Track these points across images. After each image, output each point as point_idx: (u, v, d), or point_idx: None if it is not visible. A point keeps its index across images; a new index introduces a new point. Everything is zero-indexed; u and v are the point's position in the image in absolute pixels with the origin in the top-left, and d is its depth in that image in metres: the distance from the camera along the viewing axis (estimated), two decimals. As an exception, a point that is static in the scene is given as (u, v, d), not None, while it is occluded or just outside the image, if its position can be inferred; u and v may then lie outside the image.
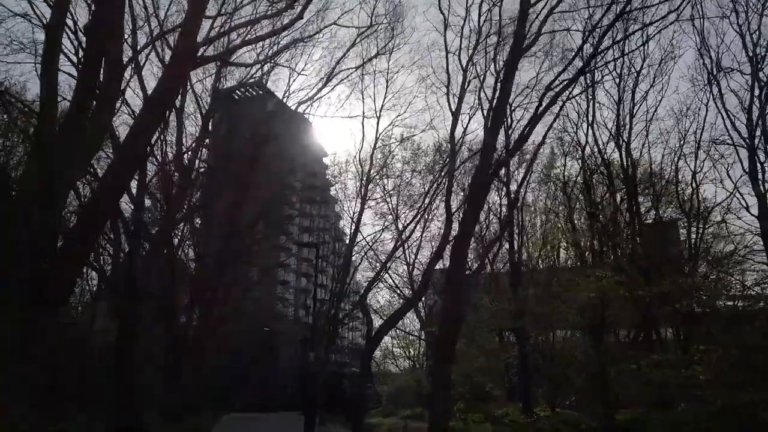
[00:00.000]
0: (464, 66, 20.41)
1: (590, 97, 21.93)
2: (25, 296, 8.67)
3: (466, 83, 20.43)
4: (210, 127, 26.13)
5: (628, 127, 21.90)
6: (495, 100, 15.87)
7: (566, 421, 19.59)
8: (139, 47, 18.10)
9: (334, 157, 75.11)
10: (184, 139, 23.20)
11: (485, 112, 17.80)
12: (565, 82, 14.70)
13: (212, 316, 28.16)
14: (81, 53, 16.55)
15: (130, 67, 16.04)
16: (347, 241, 28.09)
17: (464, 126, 21.59)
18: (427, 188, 24.32)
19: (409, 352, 46.23)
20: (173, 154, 22.77)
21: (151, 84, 19.47)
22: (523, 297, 22.45)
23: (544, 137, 21.83)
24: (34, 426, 10.78)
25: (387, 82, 28.00)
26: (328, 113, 26.78)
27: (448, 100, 20.77)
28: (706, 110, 21.97)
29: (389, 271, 33.64)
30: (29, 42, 17.49)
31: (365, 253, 31.61)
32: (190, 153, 23.33)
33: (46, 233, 7.98)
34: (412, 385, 35.81)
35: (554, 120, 21.16)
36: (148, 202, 22.23)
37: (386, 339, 47.85)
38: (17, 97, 15.97)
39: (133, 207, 19.18)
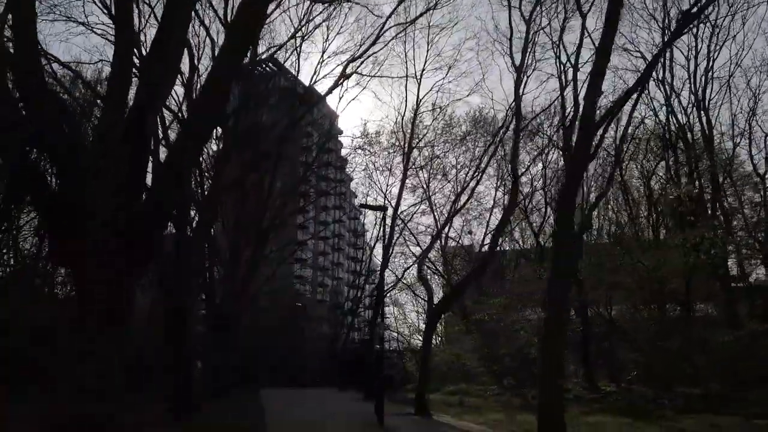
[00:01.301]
0: (528, 17, 18.76)
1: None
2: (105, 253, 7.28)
3: (531, 36, 18.83)
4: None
5: (702, 84, 20.20)
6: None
7: (641, 397, 18.42)
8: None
9: (364, 126, 73.60)
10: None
11: (574, 56, 16.50)
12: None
13: (244, 295, 27.35)
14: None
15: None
16: (388, 216, 26.62)
17: (524, 84, 19.73)
18: (480, 152, 22.86)
19: (438, 326, 45.30)
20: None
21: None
22: (585, 269, 21.16)
23: (647, 80, 20.00)
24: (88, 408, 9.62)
25: (428, 44, 26.48)
26: (364, 71, 25.52)
27: (511, 55, 19.24)
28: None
29: (420, 244, 32.47)
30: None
31: (402, 228, 30.40)
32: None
33: (133, 173, 6.56)
34: (447, 360, 34.87)
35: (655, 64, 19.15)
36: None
37: (413, 315, 46.93)
38: (55, 57, 14.61)
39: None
